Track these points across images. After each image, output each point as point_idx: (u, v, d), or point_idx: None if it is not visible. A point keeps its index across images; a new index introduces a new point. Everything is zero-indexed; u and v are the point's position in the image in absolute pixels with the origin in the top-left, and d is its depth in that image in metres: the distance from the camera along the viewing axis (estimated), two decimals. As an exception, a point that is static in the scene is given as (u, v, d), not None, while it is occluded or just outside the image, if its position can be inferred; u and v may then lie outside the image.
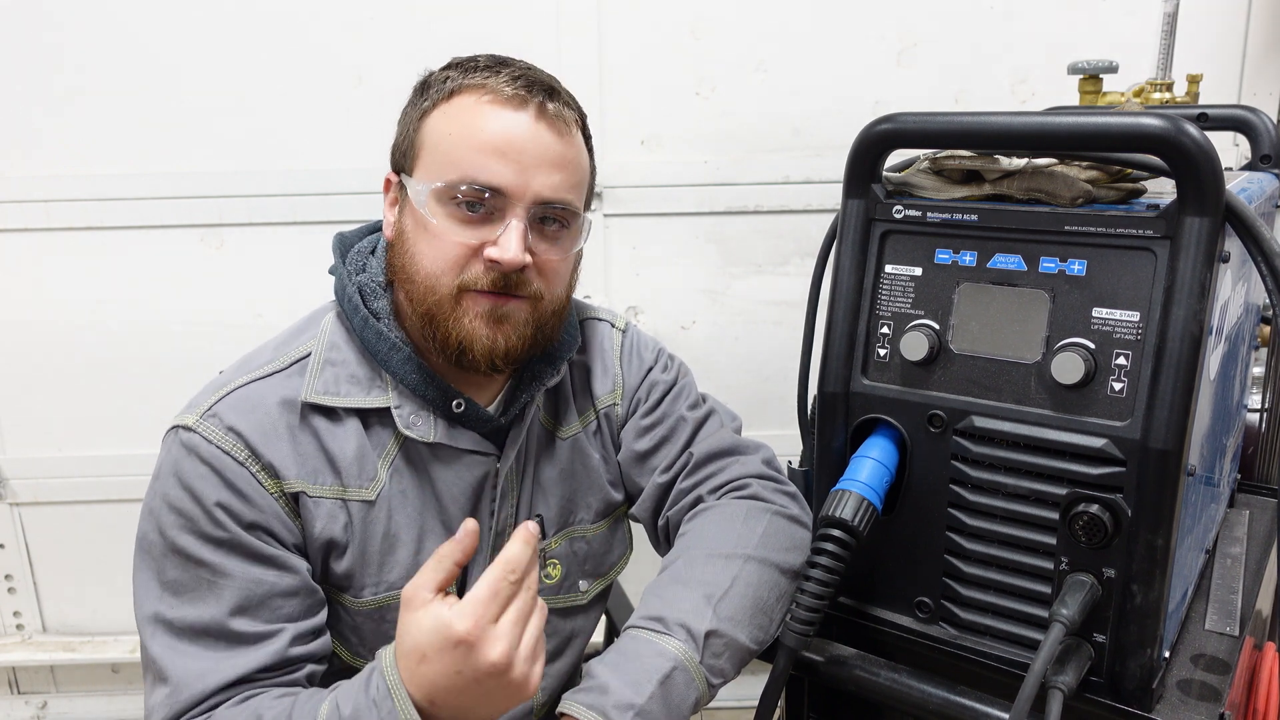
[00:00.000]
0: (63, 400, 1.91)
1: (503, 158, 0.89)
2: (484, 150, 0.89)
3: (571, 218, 0.95)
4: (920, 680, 0.87)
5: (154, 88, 1.76)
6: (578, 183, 0.96)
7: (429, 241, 0.91)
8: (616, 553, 1.13)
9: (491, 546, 1.01)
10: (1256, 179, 1.00)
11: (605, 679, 0.83)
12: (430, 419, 0.96)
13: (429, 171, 0.92)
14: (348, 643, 0.96)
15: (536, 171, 0.90)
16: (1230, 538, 1.12)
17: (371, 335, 0.94)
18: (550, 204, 0.92)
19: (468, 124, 0.91)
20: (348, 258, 1.00)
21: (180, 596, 0.87)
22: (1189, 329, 0.72)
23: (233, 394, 0.91)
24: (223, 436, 0.88)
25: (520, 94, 0.91)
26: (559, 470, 1.06)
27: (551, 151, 0.92)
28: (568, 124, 0.94)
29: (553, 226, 0.94)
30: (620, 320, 1.16)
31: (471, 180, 0.89)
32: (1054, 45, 1.76)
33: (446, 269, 0.91)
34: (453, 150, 0.90)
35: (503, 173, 0.89)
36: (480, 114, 0.91)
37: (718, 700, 0.92)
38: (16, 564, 2.01)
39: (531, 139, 0.91)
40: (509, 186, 0.89)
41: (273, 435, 0.90)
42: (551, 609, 1.07)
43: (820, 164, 1.84)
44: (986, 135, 0.79)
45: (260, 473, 0.89)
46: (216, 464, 0.88)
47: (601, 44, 1.79)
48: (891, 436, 0.87)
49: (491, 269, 0.90)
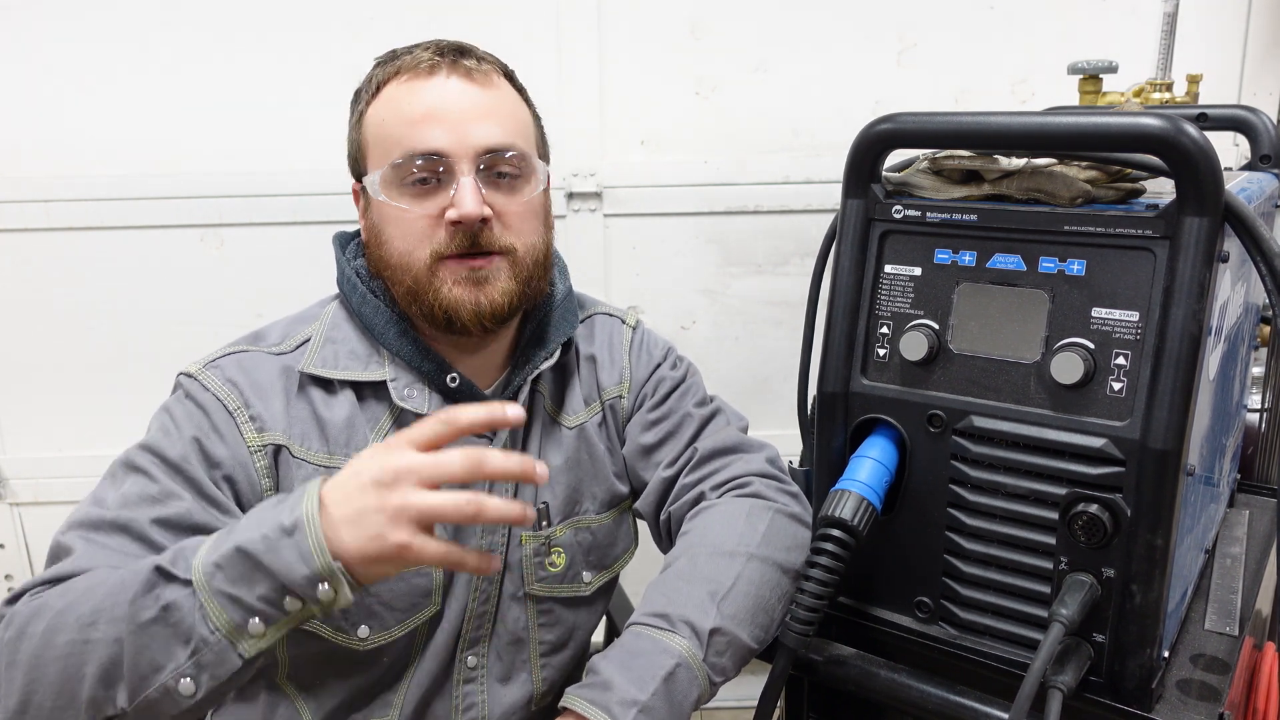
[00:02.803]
0: (63, 400, 1.91)
1: (434, 121, 0.92)
2: (415, 121, 0.93)
3: (521, 163, 0.96)
4: (920, 680, 0.87)
5: (154, 87, 1.76)
6: (517, 129, 0.97)
7: (394, 224, 0.94)
8: (621, 546, 1.14)
9: (484, 529, 1.01)
10: (1256, 179, 1.00)
11: (609, 675, 0.83)
12: (426, 392, 0.98)
13: (377, 162, 0.96)
14: (333, 621, 0.95)
15: (470, 126, 0.93)
16: (1230, 538, 1.12)
17: (369, 310, 0.98)
18: (494, 152, 0.94)
19: (397, 106, 0.95)
20: (346, 249, 1.05)
21: (119, 499, 0.87)
22: (1188, 329, 0.72)
23: (238, 354, 0.97)
24: (219, 385, 0.93)
25: (433, 60, 0.95)
26: (565, 459, 1.06)
27: (479, 103, 0.94)
28: (487, 75, 0.96)
29: (506, 178, 0.96)
30: (631, 317, 1.17)
31: (410, 151, 0.92)
32: (1054, 45, 1.76)
33: (416, 243, 0.94)
34: (389, 135, 0.94)
35: (437, 135, 0.92)
36: (405, 92, 0.94)
37: (718, 700, 0.92)
38: (16, 564, 2.01)
39: (455, 96, 0.94)
40: (446, 146, 0.92)
41: (269, 392, 0.94)
42: (555, 599, 1.07)
43: (820, 164, 1.84)
44: (986, 135, 0.79)
45: (247, 423, 0.92)
46: (207, 406, 0.92)
47: (601, 44, 1.79)
48: (891, 436, 0.87)
49: (457, 230, 0.92)
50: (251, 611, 0.73)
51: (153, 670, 0.73)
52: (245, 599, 0.73)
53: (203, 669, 0.73)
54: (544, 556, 1.05)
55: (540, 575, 1.05)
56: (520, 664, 1.06)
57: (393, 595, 0.96)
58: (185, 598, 0.73)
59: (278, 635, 0.75)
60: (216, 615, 0.73)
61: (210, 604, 0.73)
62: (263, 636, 0.74)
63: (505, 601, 1.04)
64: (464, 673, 1.03)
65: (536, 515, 1.04)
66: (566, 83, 1.82)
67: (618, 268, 1.89)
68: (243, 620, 0.73)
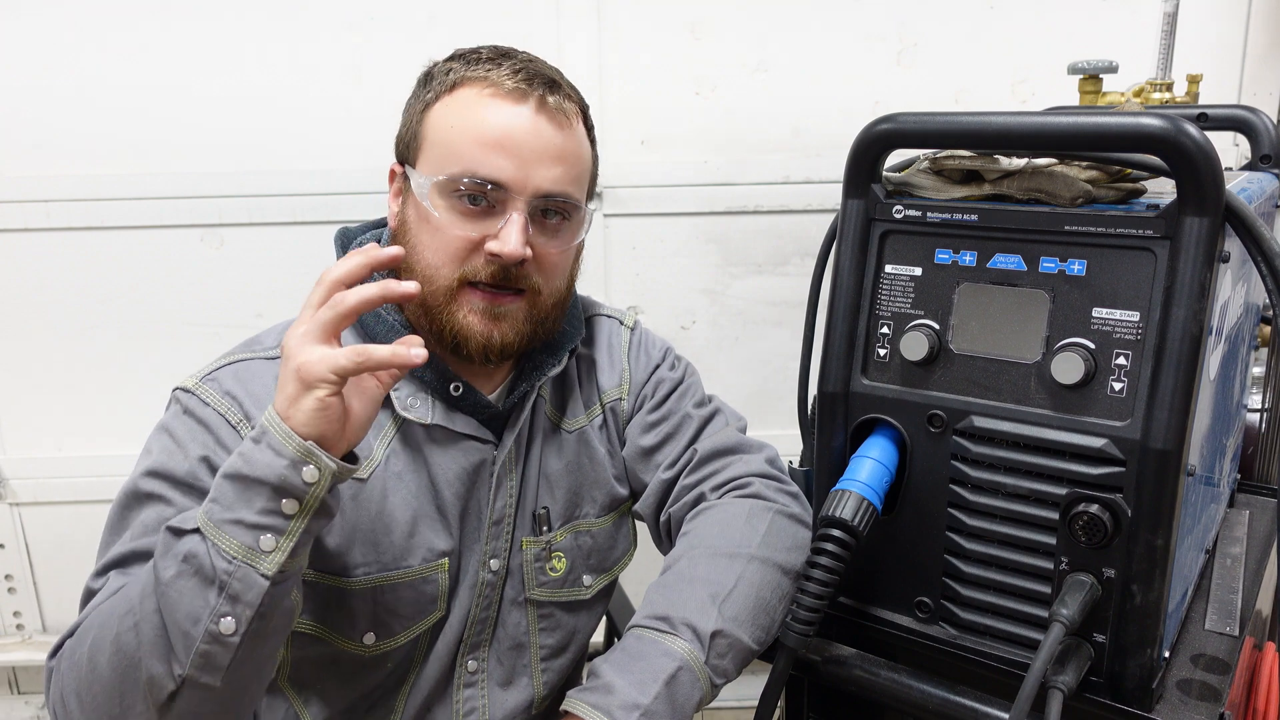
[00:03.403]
0: (63, 400, 1.91)
1: (504, 151, 0.90)
2: (485, 144, 0.90)
3: (572, 210, 0.96)
4: (920, 680, 0.87)
5: (154, 88, 1.76)
6: (578, 175, 0.96)
7: (431, 233, 0.92)
8: (621, 548, 1.14)
9: (488, 535, 1.01)
10: (1256, 179, 1.00)
11: (610, 678, 0.83)
12: (429, 401, 0.97)
13: (431, 164, 0.93)
14: (336, 625, 0.95)
15: (537, 165, 0.91)
16: (1230, 538, 1.12)
17: (370, 318, 0.96)
18: (551, 197, 0.92)
19: (469, 117, 0.91)
20: (349, 249, 1.02)
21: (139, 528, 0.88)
22: (1189, 329, 0.72)
23: (234, 364, 0.95)
24: (219, 399, 0.92)
25: (521, 87, 0.91)
26: (565, 463, 1.06)
27: (552, 145, 0.92)
28: (569, 116, 0.94)
29: (554, 220, 0.95)
30: (629, 318, 1.16)
31: (473, 174, 0.90)
32: (1054, 45, 1.76)
33: (447, 261, 0.92)
34: (454, 143, 0.91)
35: (504, 166, 0.90)
36: (482, 107, 0.91)
37: (718, 700, 0.92)
38: (16, 564, 2.01)
39: (532, 133, 0.91)
40: (510, 180, 0.90)
41: (267, 401, 0.92)
42: (555, 603, 1.07)
43: (820, 164, 1.84)
44: (986, 135, 0.79)
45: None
46: (209, 422, 0.90)
47: (601, 44, 1.79)
48: (891, 436, 0.87)
49: (492, 262, 0.91)
50: (257, 528, 0.75)
51: (192, 622, 0.75)
52: (246, 518, 0.75)
53: (235, 601, 0.75)
54: (545, 562, 1.05)
55: (541, 580, 1.05)
56: (521, 668, 1.06)
57: (399, 602, 0.96)
58: (197, 543, 0.75)
59: (292, 546, 0.76)
60: (228, 544, 0.74)
61: (219, 536, 0.75)
62: (277, 549, 0.75)
63: (506, 606, 1.04)
64: (464, 677, 1.03)
65: (535, 520, 1.04)
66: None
67: (618, 268, 1.89)
68: (253, 540, 0.75)
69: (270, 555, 0.75)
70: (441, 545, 0.98)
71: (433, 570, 0.97)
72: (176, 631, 0.75)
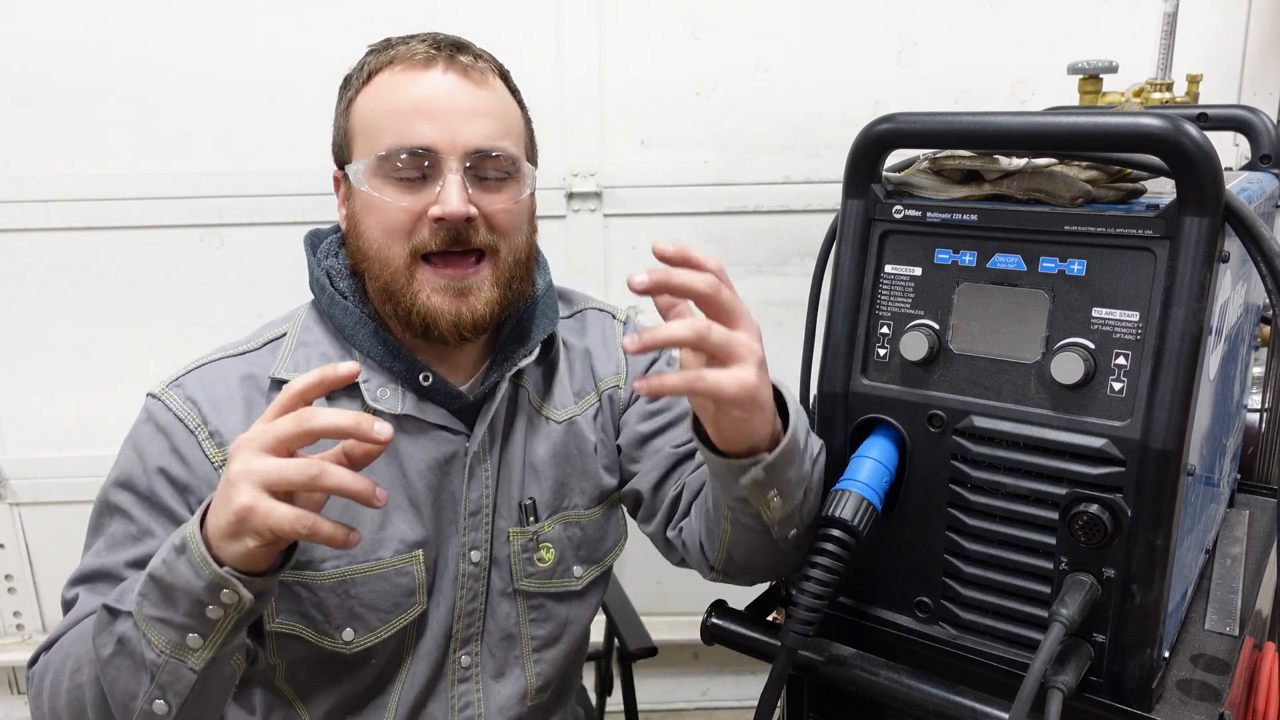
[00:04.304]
0: (63, 400, 1.91)
1: (425, 116, 0.91)
2: (406, 114, 0.92)
3: (510, 165, 0.96)
4: (920, 680, 0.87)
5: (153, 88, 1.76)
6: (507, 130, 0.96)
7: (375, 215, 0.93)
8: (612, 539, 1.13)
9: (466, 526, 1.01)
10: (1256, 179, 1.00)
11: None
12: (399, 392, 0.97)
13: (363, 151, 0.94)
14: (313, 622, 0.95)
15: (461, 123, 0.92)
16: (1230, 538, 1.12)
17: (339, 312, 0.98)
18: (482, 152, 0.93)
19: (388, 96, 0.93)
20: (319, 249, 1.05)
21: (107, 542, 0.92)
22: (1189, 329, 0.72)
23: (201, 368, 0.97)
24: (180, 405, 0.93)
25: (429, 53, 0.93)
26: (552, 453, 1.06)
27: (471, 101, 0.93)
28: (483, 73, 0.95)
29: (493, 177, 0.95)
30: (621, 313, 1.17)
31: (399, 146, 0.91)
32: (1054, 45, 1.76)
33: (395, 236, 0.93)
34: (379, 123, 0.93)
35: (428, 130, 0.91)
36: (397, 83, 0.93)
37: (718, 700, 0.92)
38: (16, 564, 2.01)
39: (449, 92, 0.93)
40: (436, 142, 0.91)
41: (227, 404, 0.94)
42: (545, 594, 1.07)
43: (820, 164, 1.84)
44: (986, 135, 0.79)
45: (206, 440, 0.92)
46: (168, 429, 0.92)
47: (601, 44, 1.79)
48: (891, 436, 0.87)
49: (439, 228, 0.92)
50: (184, 628, 0.76)
51: (129, 698, 0.79)
52: (172, 619, 0.76)
53: (165, 689, 0.78)
54: (532, 552, 1.05)
55: (529, 571, 1.05)
56: (513, 660, 1.06)
57: (374, 596, 0.96)
58: (130, 629, 0.78)
59: (220, 640, 0.77)
60: (157, 639, 0.76)
61: (149, 630, 0.77)
62: (205, 646, 0.77)
63: (494, 598, 1.04)
64: (459, 673, 1.03)
65: (522, 510, 1.04)
66: (566, 82, 1.82)
67: (618, 268, 1.89)
68: (179, 638, 0.76)
69: (198, 652, 0.77)
70: (413, 536, 0.98)
71: (406, 562, 0.97)
72: (115, 703, 0.80)
